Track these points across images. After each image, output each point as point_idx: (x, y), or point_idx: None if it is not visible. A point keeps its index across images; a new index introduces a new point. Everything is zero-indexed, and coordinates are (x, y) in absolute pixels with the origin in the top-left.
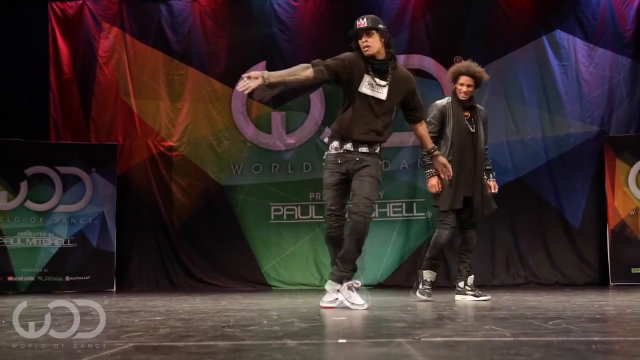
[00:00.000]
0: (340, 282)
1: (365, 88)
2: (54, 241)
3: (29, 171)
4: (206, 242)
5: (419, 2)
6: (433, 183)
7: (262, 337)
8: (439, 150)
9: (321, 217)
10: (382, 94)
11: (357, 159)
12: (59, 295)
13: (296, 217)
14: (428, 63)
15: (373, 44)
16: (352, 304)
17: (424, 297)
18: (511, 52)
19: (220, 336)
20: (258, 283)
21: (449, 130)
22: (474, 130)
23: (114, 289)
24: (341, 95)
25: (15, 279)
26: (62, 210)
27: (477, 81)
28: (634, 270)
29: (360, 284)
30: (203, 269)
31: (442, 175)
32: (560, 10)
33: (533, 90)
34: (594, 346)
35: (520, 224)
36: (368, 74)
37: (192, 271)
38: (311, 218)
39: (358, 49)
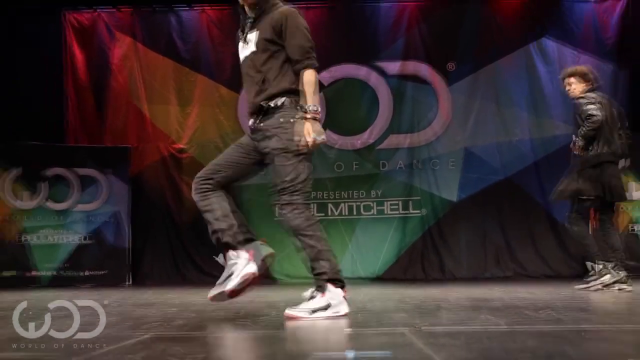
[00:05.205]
0: None
1: (241, 54)
2: (73, 238)
3: (48, 173)
4: None
5: (414, 11)
6: None
7: (273, 327)
8: None
9: (322, 214)
10: (251, 44)
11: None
12: (78, 288)
13: None
14: (423, 69)
15: None
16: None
17: None
18: (501, 58)
19: (233, 326)
20: (264, 277)
21: None
22: None
23: (129, 283)
24: None
25: (38, 273)
26: (80, 209)
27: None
28: None
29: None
30: (212, 264)
31: None
32: (547, 19)
33: (522, 95)
34: (583, 333)
35: (509, 221)
36: (240, 38)
37: (201, 266)
38: (312, 215)
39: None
